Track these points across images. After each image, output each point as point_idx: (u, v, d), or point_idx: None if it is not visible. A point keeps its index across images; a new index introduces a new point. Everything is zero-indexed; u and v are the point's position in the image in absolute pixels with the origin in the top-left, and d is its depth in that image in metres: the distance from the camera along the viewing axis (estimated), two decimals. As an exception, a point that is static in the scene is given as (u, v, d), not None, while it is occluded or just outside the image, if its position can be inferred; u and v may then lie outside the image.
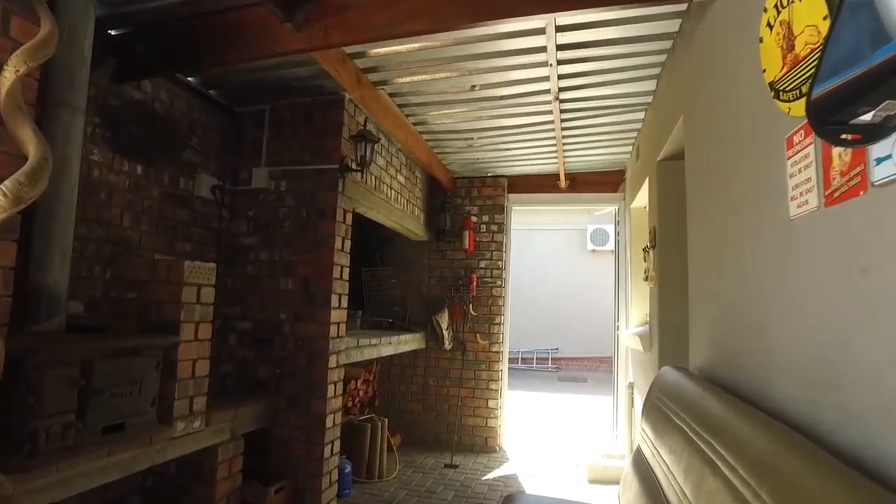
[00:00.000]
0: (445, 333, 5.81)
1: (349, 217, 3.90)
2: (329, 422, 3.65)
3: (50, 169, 1.95)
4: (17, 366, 2.09)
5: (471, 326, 5.93)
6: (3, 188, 1.83)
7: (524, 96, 3.96)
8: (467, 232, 5.91)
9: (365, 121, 3.94)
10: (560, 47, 3.22)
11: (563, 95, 3.88)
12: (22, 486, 2.05)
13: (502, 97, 4.00)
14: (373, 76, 3.68)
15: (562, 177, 5.77)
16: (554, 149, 5.13)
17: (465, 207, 6.12)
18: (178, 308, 2.77)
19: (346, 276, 3.85)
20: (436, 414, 5.94)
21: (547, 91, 3.84)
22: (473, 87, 3.82)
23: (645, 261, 4.30)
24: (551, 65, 3.36)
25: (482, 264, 6.01)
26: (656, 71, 3.55)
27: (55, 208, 2.50)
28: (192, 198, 3.64)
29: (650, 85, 3.75)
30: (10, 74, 1.93)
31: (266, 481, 3.46)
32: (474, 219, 6.05)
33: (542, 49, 3.26)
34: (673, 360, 3.05)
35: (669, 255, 3.56)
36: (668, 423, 1.93)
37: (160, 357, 2.69)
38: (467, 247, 5.91)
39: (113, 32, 3.05)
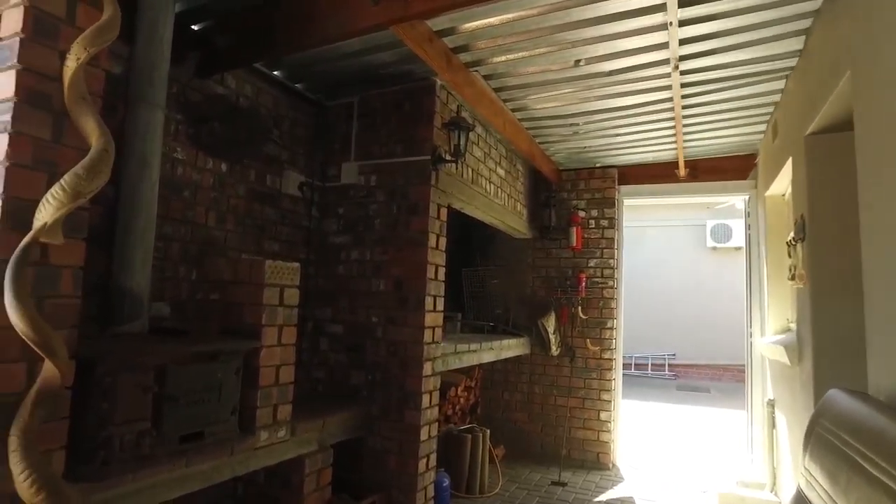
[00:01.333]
0: (552, 338, 5.36)
1: (444, 212, 3.60)
2: (424, 434, 3.37)
3: (111, 162, 1.81)
4: (90, 370, 1.98)
5: (580, 331, 5.43)
6: (62, 182, 1.70)
7: (637, 69, 3.45)
8: (574, 228, 5.42)
9: (458, 108, 3.63)
10: (682, 2, 2.71)
11: (685, 65, 3.33)
12: (95, 495, 1.93)
13: (611, 72, 3.51)
14: (465, 56, 3.36)
15: (681, 164, 5.11)
16: (671, 132, 4.52)
17: (572, 202, 5.63)
18: (260, 311, 2.61)
19: (441, 276, 3.55)
20: (542, 425, 5.51)
21: (664, 61, 3.30)
22: (578, 62, 3.38)
23: (790, 256, 3.60)
24: (671, 24, 2.85)
25: (591, 263, 5.49)
26: (805, 24, 2.92)
27: (136, 207, 2.41)
28: (279, 195, 3.52)
29: (795, 44, 3.10)
30: (72, 63, 1.81)
31: (357, 495, 3.24)
32: (582, 214, 5.55)
33: (660, 7, 2.77)
34: (838, 380, 2.43)
35: (826, 249, 2.92)
36: (857, 473, 1.42)
37: (240, 363, 2.53)
38: (575, 244, 5.42)
39: (195, 27, 2.97)
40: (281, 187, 3.52)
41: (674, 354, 12.25)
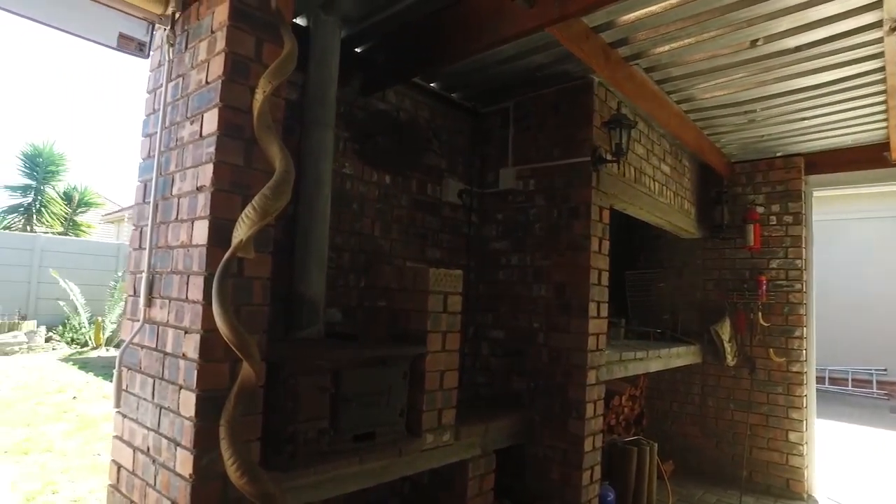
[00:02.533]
0: (727, 347, 4.88)
1: (606, 215, 3.45)
2: (588, 445, 3.25)
3: (292, 182, 1.99)
4: (276, 372, 2.19)
5: (761, 339, 4.88)
6: (253, 202, 1.91)
7: (833, 40, 3.00)
8: (751, 226, 4.89)
9: (618, 105, 3.46)
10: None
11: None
12: (284, 484, 2.14)
13: (797, 48, 3.10)
14: (623, 50, 3.19)
15: (893, 145, 4.36)
16: (879, 108, 3.87)
17: (748, 196, 5.09)
18: (425, 317, 2.70)
19: (605, 281, 3.41)
20: (717, 441, 5.04)
21: (873, 25, 2.83)
22: (755, 42, 3.03)
23: None
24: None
25: (773, 264, 4.91)
26: None
27: (312, 221, 2.63)
28: (440, 204, 3.63)
29: None
30: (260, 96, 2.03)
31: (519, 503, 3.21)
32: (760, 209, 4.99)
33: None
34: None
35: None
36: None
37: (407, 367, 2.64)
38: (752, 243, 4.88)
39: (358, 50, 3.17)
40: (441, 196, 3.64)
41: (885, 370, 10.49)
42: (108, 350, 12.01)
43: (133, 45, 2.36)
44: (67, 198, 17.18)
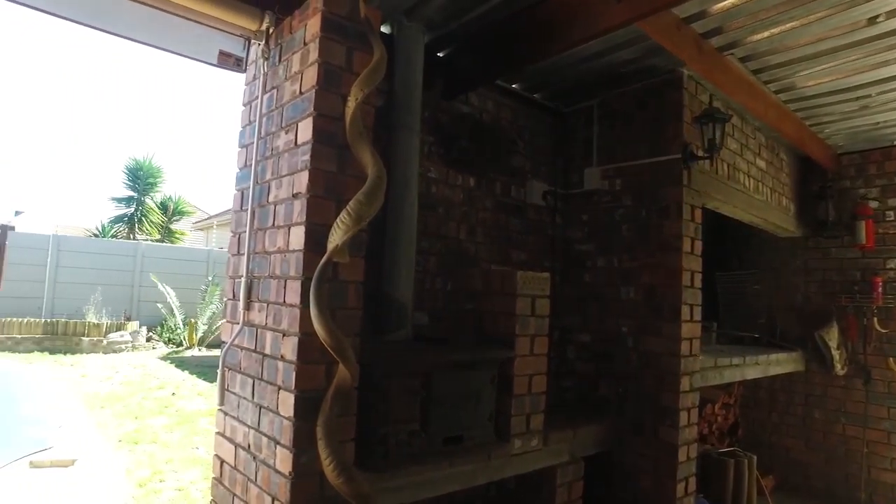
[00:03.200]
0: (835, 354, 4.52)
1: (698, 214, 3.29)
2: (682, 455, 3.09)
3: (384, 187, 2.01)
4: (369, 374, 2.22)
5: (877, 347, 4.47)
6: (348, 208, 1.94)
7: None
8: (863, 222, 4.50)
9: (710, 98, 3.29)
10: None
11: None
12: (376, 485, 2.16)
13: (923, 24, 2.82)
14: (717, 40, 3.02)
15: None
16: None
17: (858, 190, 4.70)
18: (513, 320, 2.66)
19: (697, 283, 3.25)
20: (826, 457, 4.67)
21: None
22: (874, 19, 2.78)
23: None
24: None
25: (891, 264, 4.49)
26: None
27: (400, 225, 2.66)
28: (524, 206, 3.58)
29: None
30: (352, 104, 2.07)
31: (611, 512, 3.11)
32: (874, 204, 4.58)
33: None
34: None
35: None
36: None
37: (496, 371, 2.62)
38: (865, 241, 4.49)
39: (440, 54, 3.18)
40: (525, 197, 3.59)
41: None
42: (199, 350, 12.76)
43: (231, 61, 2.48)
44: (163, 207, 18.46)
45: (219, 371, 2.42)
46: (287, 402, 1.99)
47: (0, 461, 4.15)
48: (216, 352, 12.84)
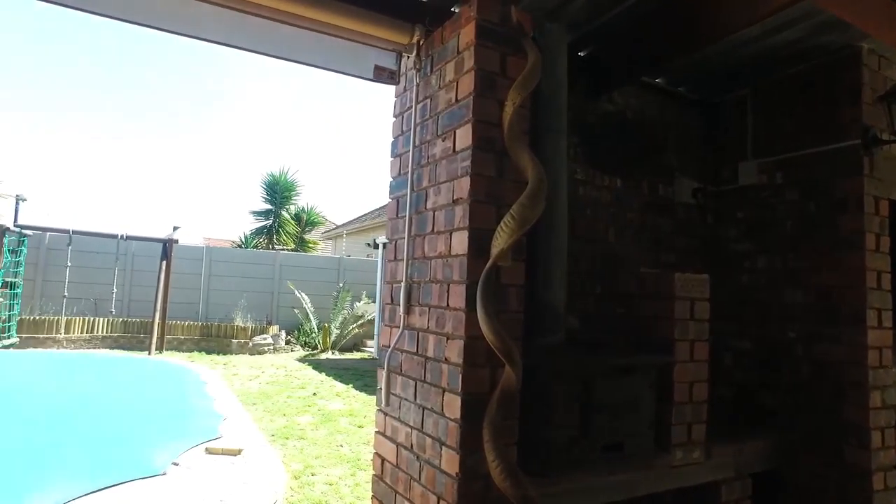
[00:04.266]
0: None
1: (884, 206, 2.92)
2: (878, 482, 2.76)
3: (546, 190, 1.99)
4: (530, 377, 2.21)
5: None
6: (512, 212, 1.95)
7: None
8: None
9: (897, 74, 2.92)
10: None
11: None
12: (538, 490, 2.14)
13: None
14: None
15: None
16: None
17: None
18: (671, 325, 2.53)
19: (886, 284, 2.89)
20: None
21: None
22: None
23: None
24: None
25: None
26: None
27: (552, 228, 2.62)
28: (672, 205, 3.41)
29: None
30: (509, 109, 2.08)
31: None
32: None
33: None
34: None
35: None
36: None
37: (654, 378, 2.50)
38: None
39: (582, 53, 3.11)
40: (673, 196, 3.41)
41: None
42: (333, 353, 13.52)
43: (385, 74, 2.60)
44: (297, 219, 19.88)
45: (382, 373, 2.53)
46: (453, 405, 2.03)
47: (184, 446, 4.64)
48: (348, 355, 13.56)
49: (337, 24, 2.36)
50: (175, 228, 12.99)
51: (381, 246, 14.02)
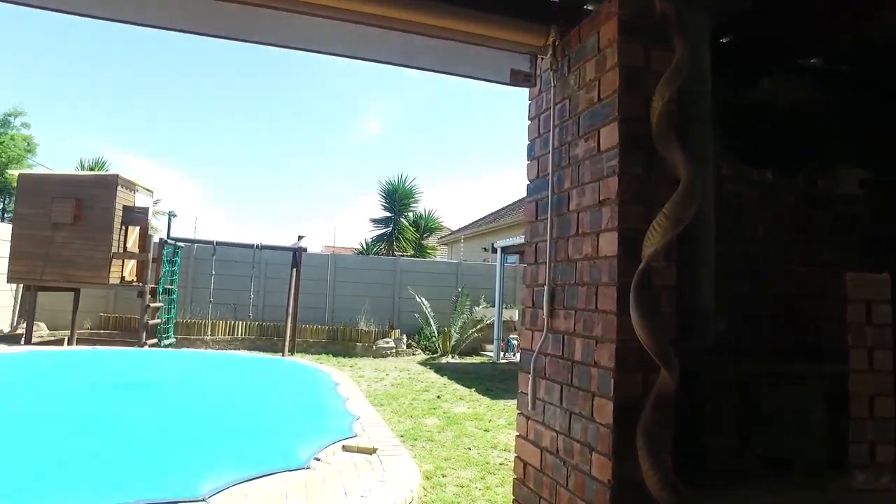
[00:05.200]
0: None
1: None
2: None
3: (700, 187, 1.90)
4: (686, 382, 2.10)
5: None
6: (665, 211, 1.87)
7: None
8: None
9: None
10: None
11: None
12: (696, 503, 2.02)
13: None
14: None
15: None
16: None
17: None
18: (842, 330, 2.29)
19: None
20: None
21: None
22: None
23: None
24: None
25: None
26: None
27: (699, 226, 2.48)
28: (833, 198, 3.08)
29: None
30: (657, 104, 2.00)
31: None
32: None
33: None
34: None
35: None
36: None
37: (825, 388, 2.27)
38: None
39: (724, 40, 2.92)
40: (835, 188, 3.09)
41: None
42: (453, 357, 13.73)
43: (521, 77, 2.61)
44: (416, 225, 20.50)
45: (524, 377, 2.53)
46: (604, 410, 1.98)
47: (323, 442, 4.94)
48: (468, 359, 13.73)
49: (472, 31, 2.40)
50: (299, 238, 13.91)
51: (499, 250, 14.09)
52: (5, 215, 17.24)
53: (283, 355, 12.15)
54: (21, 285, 12.63)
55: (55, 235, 11.44)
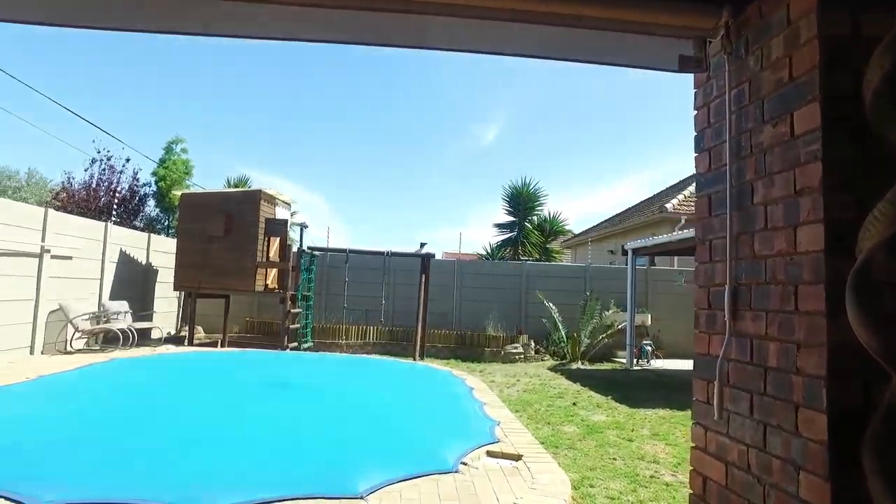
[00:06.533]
0: None
1: None
2: None
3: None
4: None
5: None
6: (889, 198, 1.63)
7: None
8: None
9: None
10: None
11: None
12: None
13: None
14: None
15: None
16: None
17: None
18: None
19: None
20: None
21: None
22: None
23: None
24: None
25: None
26: None
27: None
28: None
29: None
30: (872, 77, 1.75)
31: None
32: None
33: None
34: None
35: None
36: None
37: None
38: None
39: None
40: None
41: None
42: (583, 364, 13.35)
43: (691, 63, 2.44)
44: (540, 229, 20.25)
45: (705, 384, 2.35)
46: (814, 423, 1.76)
47: (467, 446, 4.98)
48: (598, 366, 13.29)
49: (635, 19, 2.28)
50: (421, 245, 14.25)
51: (630, 252, 13.51)
52: (169, 231, 19.43)
53: (414, 359, 12.51)
54: (183, 293, 14.22)
55: (210, 247, 12.71)
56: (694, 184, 2.69)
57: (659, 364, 13.31)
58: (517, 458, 4.78)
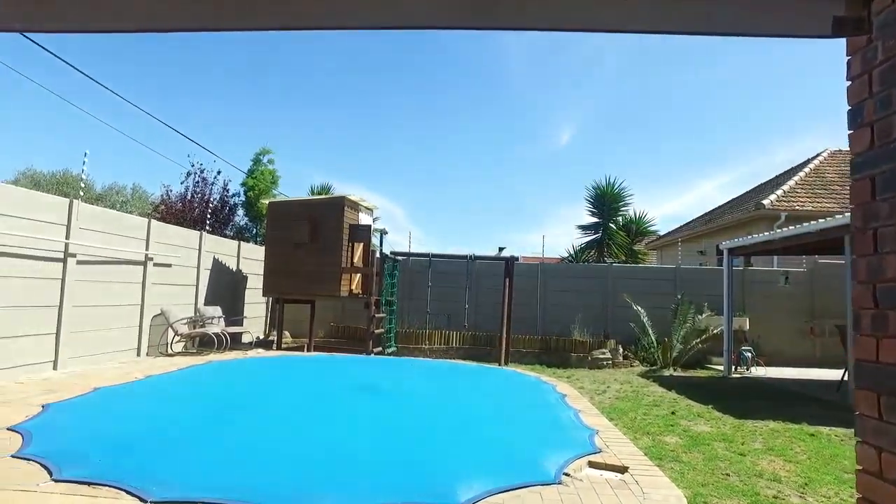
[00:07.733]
0: None
1: None
2: None
3: None
4: None
5: None
6: None
7: None
8: None
9: None
10: None
11: None
12: None
13: None
14: None
15: None
16: None
17: None
18: None
19: None
20: None
21: None
22: None
23: None
24: None
25: None
26: None
27: None
28: None
29: None
30: None
31: None
32: None
33: None
34: None
35: None
36: None
37: None
38: None
39: None
40: None
41: None
42: (675, 370, 12.63)
43: (849, 26, 2.12)
44: (626, 229, 19.48)
45: (875, 396, 2.02)
46: None
47: (567, 456, 4.73)
48: (692, 372, 12.55)
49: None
50: (500, 250, 14.00)
51: (725, 252, 12.69)
52: (258, 239, 20.25)
53: (499, 365, 12.29)
54: (271, 298, 14.70)
55: (296, 253, 13.06)
56: (795, 177, 2.35)
57: (760, 372, 12.38)
58: (623, 470, 4.48)
